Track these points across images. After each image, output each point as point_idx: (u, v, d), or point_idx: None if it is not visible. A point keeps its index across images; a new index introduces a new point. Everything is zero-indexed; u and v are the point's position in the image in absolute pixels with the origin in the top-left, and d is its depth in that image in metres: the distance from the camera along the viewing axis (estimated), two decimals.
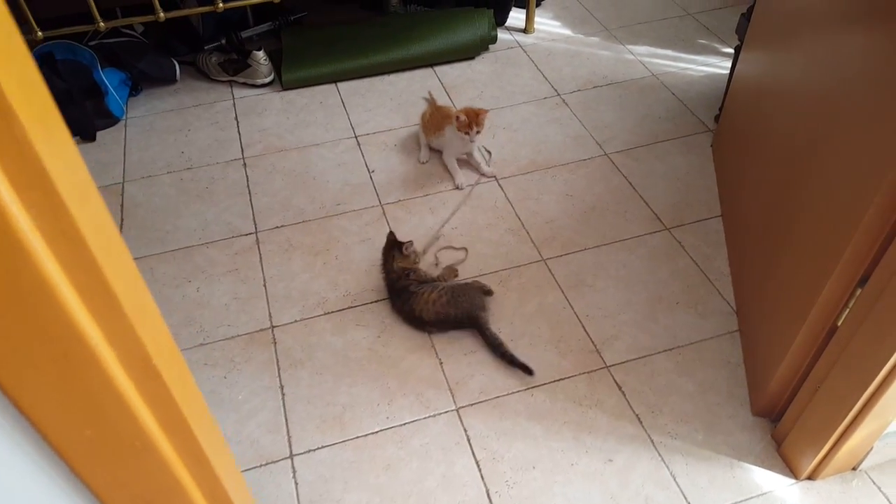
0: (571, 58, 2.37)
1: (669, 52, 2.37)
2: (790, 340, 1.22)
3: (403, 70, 2.30)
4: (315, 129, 2.09)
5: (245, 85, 2.26)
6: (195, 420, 0.62)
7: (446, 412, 1.38)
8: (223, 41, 2.28)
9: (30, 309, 0.39)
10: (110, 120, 2.10)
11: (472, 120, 1.77)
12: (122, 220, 1.81)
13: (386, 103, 2.18)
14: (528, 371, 1.43)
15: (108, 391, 0.49)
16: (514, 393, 1.41)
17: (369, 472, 1.29)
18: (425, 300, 1.49)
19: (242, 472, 1.30)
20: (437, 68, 2.32)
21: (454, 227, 1.76)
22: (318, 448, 1.33)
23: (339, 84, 2.26)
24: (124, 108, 2.15)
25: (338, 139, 2.04)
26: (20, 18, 1.87)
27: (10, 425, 0.48)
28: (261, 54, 2.20)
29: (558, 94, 2.20)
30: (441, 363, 1.47)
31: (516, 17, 2.53)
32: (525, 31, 2.49)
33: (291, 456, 1.32)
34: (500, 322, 1.54)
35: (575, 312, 1.56)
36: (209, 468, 0.65)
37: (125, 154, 2.02)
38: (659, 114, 2.11)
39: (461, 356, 1.48)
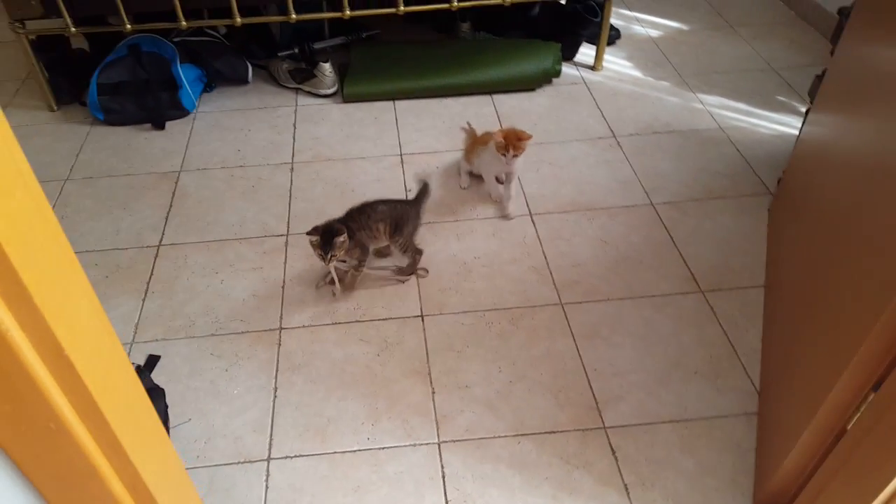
0: (636, 100, 2.29)
1: (742, 106, 2.24)
2: (798, 435, 1.10)
3: (461, 95, 2.30)
4: (364, 142, 2.12)
5: (309, 94, 2.33)
6: (113, 412, 0.63)
7: (427, 444, 1.35)
8: (296, 50, 2.36)
9: None
10: (181, 112, 2.22)
11: (509, 142, 1.74)
12: (170, 205, 1.90)
13: (437, 125, 2.18)
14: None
15: (20, 372, 0.51)
16: (500, 437, 1.36)
17: (338, 490, 1.28)
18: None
19: (219, 465, 1.32)
20: (496, 96, 2.30)
21: (476, 257, 1.73)
22: (296, 456, 1.33)
23: (397, 102, 2.28)
24: (196, 103, 2.27)
25: (383, 155, 2.06)
26: (113, 10, 2.01)
27: None
28: (327, 66, 2.26)
29: (614, 136, 2.13)
30: (433, 392, 1.43)
31: (587, 53, 2.48)
32: (593, 68, 2.44)
33: (269, 459, 1.33)
34: (503, 360, 1.49)
35: (583, 364, 1.49)
36: (126, 459, 0.66)
37: (188, 145, 2.12)
38: (718, 169, 2.00)
39: (455, 389, 1.44)
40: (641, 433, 1.36)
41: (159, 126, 2.18)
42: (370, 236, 1.61)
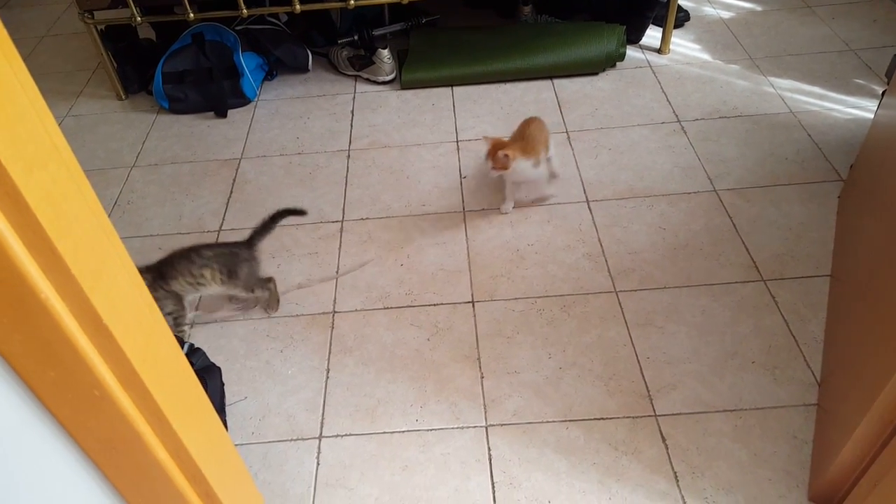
0: (703, 84, 2.26)
1: (816, 90, 2.18)
2: (854, 426, 1.10)
3: (521, 80, 2.34)
4: (421, 129, 2.19)
5: (368, 81, 2.42)
6: (155, 382, 0.71)
7: (475, 427, 1.41)
8: (355, 37, 2.46)
9: None
10: (243, 100, 2.35)
11: (490, 152, 1.72)
12: (230, 192, 2.03)
13: (495, 111, 2.23)
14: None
15: (62, 340, 0.59)
16: (548, 422, 1.41)
17: (386, 469, 1.36)
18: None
19: (273, 442, 1.42)
20: (556, 81, 2.33)
21: (530, 244, 1.78)
22: (346, 435, 1.42)
23: (455, 88, 2.34)
24: (257, 91, 2.40)
25: (439, 142, 2.13)
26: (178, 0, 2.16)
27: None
28: (385, 52, 2.34)
29: (678, 121, 2.12)
30: (482, 377, 1.49)
31: (653, 35, 2.47)
32: (659, 51, 2.42)
33: (320, 437, 1.42)
34: (553, 347, 1.53)
35: (635, 352, 1.52)
36: (169, 427, 0.74)
37: (248, 133, 2.25)
38: (786, 154, 1.96)
39: (504, 374, 1.49)
40: (693, 422, 1.38)
41: (222, 114, 2.32)
42: (193, 283, 1.55)
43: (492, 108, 2.25)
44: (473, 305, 1.64)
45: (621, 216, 1.83)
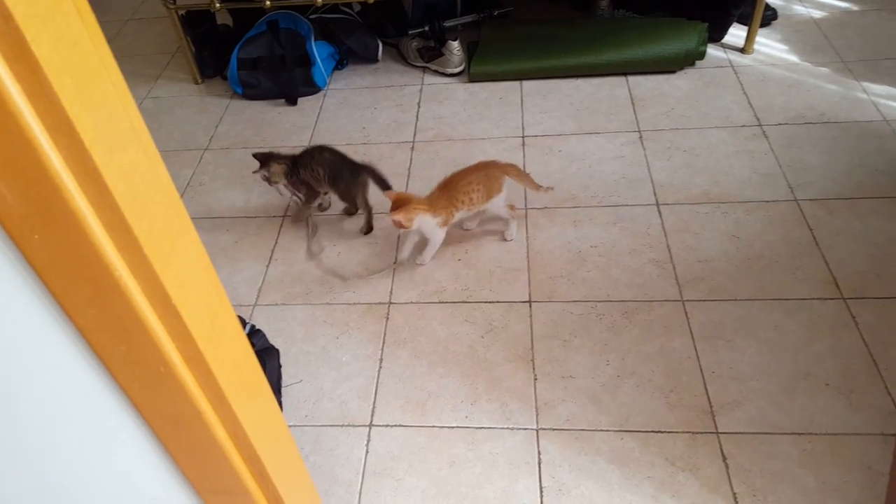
0: (789, 87, 2.18)
1: None
2: None
3: (594, 76, 2.30)
4: (486, 123, 2.19)
5: (436, 73, 2.44)
6: (218, 362, 0.74)
7: (525, 429, 1.41)
8: (426, 28, 2.48)
9: (63, 234, 0.53)
10: (313, 89, 2.41)
11: (392, 208, 1.61)
12: None
13: (564, 107, 2.21)
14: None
15: (133, 317, 0.62)
16: (602, 431, 1.39)
17: (434, 463, 1.37)
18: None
19: (325, 426, 1.45)
20: (631, 78, 2.28)
21: (593, 246, 1.75)
22: (396, 425, 1.44)
23: (525, 82, 2.33)
24: (327, 80, 2.45)
25: (504, 136, 2.13)
26: None
27: (70, 339, 0.63)
28: (455, 44, 2.35)
29: (759, 125, 2.05)
30: (535, 379, 1.49)
31: (736, 34, 2.39)
32: (743, 50, 2.34)
33: (371, 425, 1.45)
34: (611, 354, 1.51)
35: (700, 365, 1.48)
36: (228, 406, 0.77)
37: (317, 121, 2.30)
38: (877, 165, 1.87)
39: (558, 378, 1.48)
40: (758, 443, 1.34)
41: (292, 102, 2.39)
42: (313, 178, 1.81)
43: (561, 103, 2.23)
44: (530, 305, 1.64)
45: (693, 222, 1.78)
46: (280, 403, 1.49)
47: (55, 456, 0.63)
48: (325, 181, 1.81)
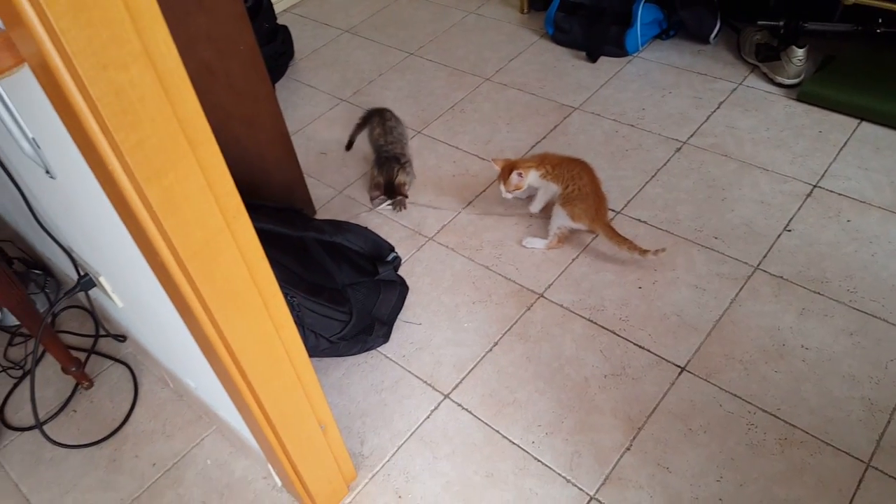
0: None
1: None
2: None
3: None
4: (782, 153, 1.85)
5: (764, 77, 2.11)
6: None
7: (580, 489, 1.27)
8: (781, 22, 2.13)
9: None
10: (620, 51, 2.29)
11: (502, 173, 1.72)
12: (542, 137, 2.05)
13: (894, 172, 1.74)
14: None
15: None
16: None
17: (474, 464, 1.34)
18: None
19: (412, 374, 1.50)
20: None
21: (804, 346, 1.41)
22: (467, 410, 1.43)
23: (864, 123, 1.89)
24: (640, 47, 2.30)
25: (791, 177, 1.78)
26: None
27: None
28: (799, 52, 1.99)
29: None
30: (628, 449, 1.32)
31: None
32: None
33: (447, 396, 1.46)
34: (731, 472, 1.25)
35: None
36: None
37: (602, 86, 2.20)
38: None
39: (653, 462, 1.29)
40: None
41: (592, 59, 2.31)
42: (380, 126, 2.01)
43: (895, 165, 1.76)
44: (681, 373, 1.42)
45: None
46: (389, 332, 1.58)
47: None
48: (386, 130, 1.98)
